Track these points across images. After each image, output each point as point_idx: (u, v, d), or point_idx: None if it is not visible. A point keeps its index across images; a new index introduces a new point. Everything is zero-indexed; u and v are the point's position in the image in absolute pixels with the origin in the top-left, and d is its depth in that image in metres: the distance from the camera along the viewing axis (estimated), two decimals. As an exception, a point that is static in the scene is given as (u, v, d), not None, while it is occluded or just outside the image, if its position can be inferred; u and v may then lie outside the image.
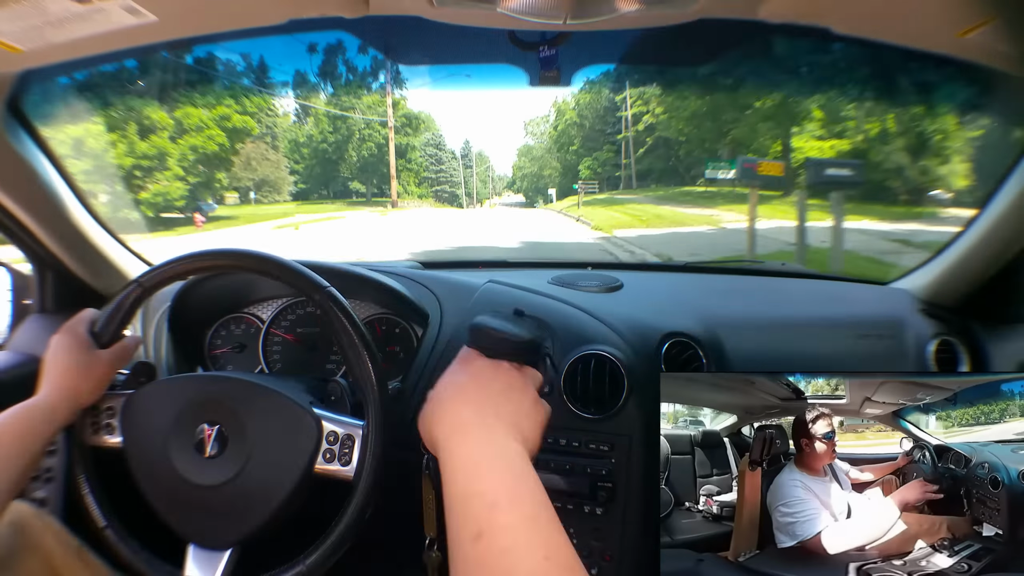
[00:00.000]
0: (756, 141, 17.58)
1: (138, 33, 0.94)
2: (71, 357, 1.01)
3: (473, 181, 62.40)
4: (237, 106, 21.32)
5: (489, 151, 72.62)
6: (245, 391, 1.02)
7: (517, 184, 64.54)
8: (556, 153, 49.53)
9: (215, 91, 18.56)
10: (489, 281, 1.47)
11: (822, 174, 6.37)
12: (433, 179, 51.72)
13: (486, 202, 60.87)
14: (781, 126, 15.54)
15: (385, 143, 38.72)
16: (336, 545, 0.96)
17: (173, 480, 0.98)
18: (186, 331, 1.45)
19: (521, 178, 62.44)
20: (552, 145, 51.04)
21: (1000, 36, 0.89)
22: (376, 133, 39.02)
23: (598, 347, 1.19)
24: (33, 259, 1.47)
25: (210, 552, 0.99)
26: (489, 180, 70.42)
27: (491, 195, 68.04)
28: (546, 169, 52.74)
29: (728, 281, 1.80)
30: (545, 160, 54.04)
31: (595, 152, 41.18)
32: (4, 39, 0.91)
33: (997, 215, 1.25)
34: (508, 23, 1.00)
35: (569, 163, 44.59)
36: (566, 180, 42.66)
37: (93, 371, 1.02)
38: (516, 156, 67.32)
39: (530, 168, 58.85)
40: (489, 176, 71.27)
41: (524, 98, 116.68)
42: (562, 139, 47.46)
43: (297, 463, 0.97)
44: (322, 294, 1.02)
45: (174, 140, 20.46)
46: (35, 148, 1.26)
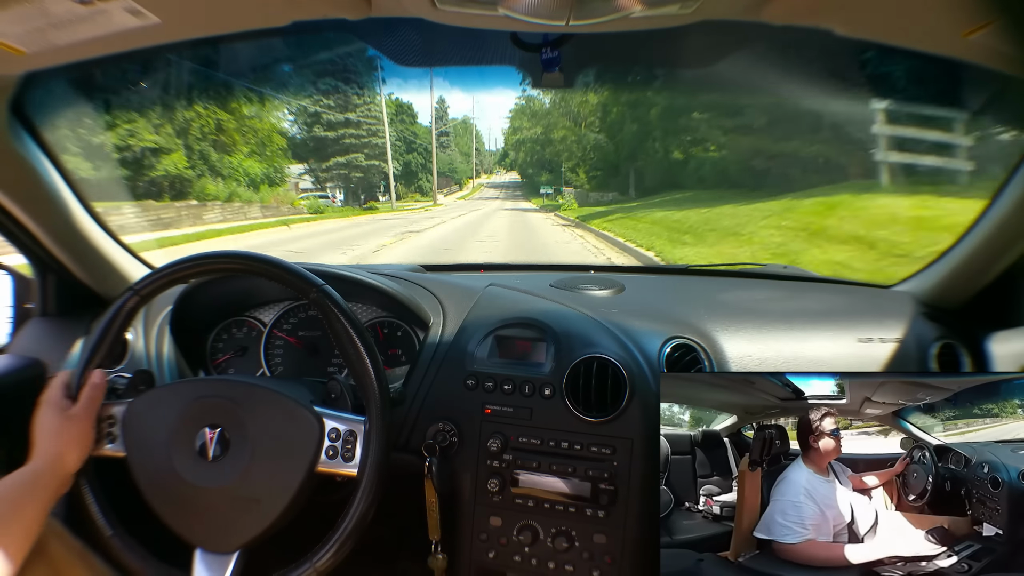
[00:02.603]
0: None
1: (141, 35, 0.94)
2: (50, 424, 1.01)
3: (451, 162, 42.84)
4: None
5: (478, 116, 47.48)
6: (245, 393, 1.02)
7: (511, 156, 40.81)
8: (572, 111, 28.97)
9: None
10: (490, 284, 1.47)
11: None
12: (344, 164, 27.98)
13: (450, 194, 38.52)
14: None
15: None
16: (344, 542, 0.96)
17: (177, 485, 0.99)
18: (188, 335, 1.46)
19: (517, 146, 37.34)
20: (564, 101, 28.80)
21: (1004, 37, 0.89)
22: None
23: (600, 350, 1.19)
24: (35, 262, 1.48)
25: (217, 556, 0.99)
26: (474, 155, 49.01)
27: (471, 176, 47.09)
28: (556, 131, 29.82)
29: (730, 284, 1.80)
30: (554, 120, 30.50)
31: (617, 136, 24.34)
32: (7, 41, 0.91)
33: (999, 218, 1.25)
34: (510, 25, 1.00)
35: (586, 138, 27.58)
36: (578, 158, 27.98)
37: (70, 432, 1.01)
38: (510, 117, 38.56)
39: (530, 131, 33.86)
40: (474, 148, 49.57)
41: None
42: (579, 97, 26.94)
43: (300, 462, 0.98)
44: (317, 292, 1.03)
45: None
46: (38, 151, 1.26)
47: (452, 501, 1.23)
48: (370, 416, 1.00)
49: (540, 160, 34.11)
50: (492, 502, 1.20)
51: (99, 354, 1.05)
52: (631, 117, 23.15)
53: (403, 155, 32.30)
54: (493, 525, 1.20)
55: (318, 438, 0.99)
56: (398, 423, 1.24)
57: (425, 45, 1.28)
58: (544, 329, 1.26)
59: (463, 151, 46.41)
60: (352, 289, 1.36)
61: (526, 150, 35.99)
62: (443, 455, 1.21)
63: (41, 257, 1.44)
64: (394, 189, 29.88)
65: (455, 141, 42.60)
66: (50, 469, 0.98)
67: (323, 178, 28.42)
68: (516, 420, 1.20)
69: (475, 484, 1.21)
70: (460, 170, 41.76)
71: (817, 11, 0.92)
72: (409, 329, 1.46)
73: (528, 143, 35.38)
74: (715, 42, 1.26)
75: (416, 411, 1.26)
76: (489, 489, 1.18)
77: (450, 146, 39.98)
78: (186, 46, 1.09)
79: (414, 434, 1.25)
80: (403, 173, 32.34)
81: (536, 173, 35.18)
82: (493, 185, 43.84)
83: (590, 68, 1.46)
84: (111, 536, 1.01)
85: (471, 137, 51.75)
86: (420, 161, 33.81)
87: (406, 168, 32.57)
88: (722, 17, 0.97)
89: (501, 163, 47.73)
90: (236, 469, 0.98)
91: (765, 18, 0.94)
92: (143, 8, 0.86)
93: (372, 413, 1.00)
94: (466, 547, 1.23)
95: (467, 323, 1.33)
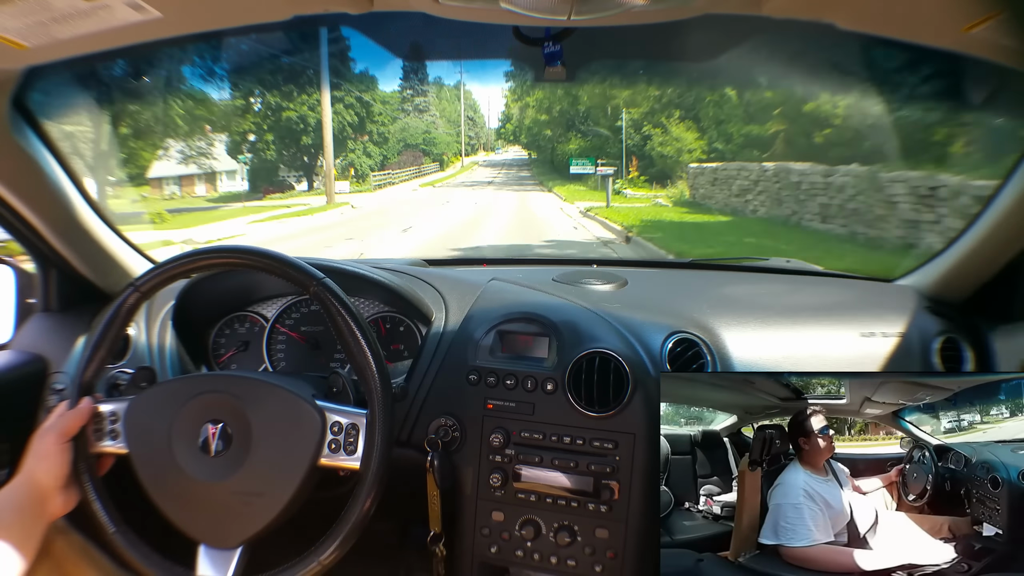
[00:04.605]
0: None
1: (142, 29, 0.94)
2: (34, 445, 1.02)
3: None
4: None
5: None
6: (246, 388, 1.02)
7: (514, 122, 28.86)
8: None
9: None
10: (493, 279, 1.48)
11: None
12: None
13: (412, 178, 24.37)
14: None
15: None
16: (347, 536, 0.96)
17: (180, 481, 0.99)
18: (190, 330, 1.46)
19: (522, 110, 26.33)
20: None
21: (1006, 31, 0.89)
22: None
23: (602, 345, 1.19)
24: (37, 257, 1.48)
25: (221, 551, 0.99)
26: (463, 124, 31.20)
27: (460, 153, 30.16)
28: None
29: (732, 278, 1.80)
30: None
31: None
32: (9, 36, 0.91)
33: (1002, 211, 1.25)
34: (512, 19, 1.00)
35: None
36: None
37: (43, 449, 1.01)
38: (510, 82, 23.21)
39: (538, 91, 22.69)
40: (463, 115, 31.29)
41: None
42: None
43: (302, 456, 0.98)
44: (318, 286, 1.02)
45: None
46: (40, 145, 1.26)
47: (454, 496, 1.24)
48: (372, 409, 1.00)
49: (567, 119, 20.84)
50: (494, 497, 1.20)
51: (101, 351, 1.06)
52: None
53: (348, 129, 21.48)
54: (495, 520, 1.21)
55: (320, 432, 0.99)
56: (400, 418, 1.24)
57: (427, 39, 1.28)
58: (546, 324, 1.26)
59: (450, 119, 30.59)
60: (354, 284, 1.36)
61: (533, 118, 23.98)
62: (445, 450, 1.21)
63: (43, 252, 1.44)
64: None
65: (438, 106, 28.95)
66: (24, 485, 0.99)
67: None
68: (518, 415, 1.20)
69: (477, 479, 1.21)
70: (442, 142, 27.99)
71: (818, 5, 0.92)
72: (411, 324, 1.47)
73: (533, 112, 23.80)
74: (718, 36, 1.26)
75: (418, 406, 1.26)
76: (491, 484, 1.18)
77: (429, 110, 27.39)
78: (187, 40, 1.09)
79: (416, 429, 1.25)
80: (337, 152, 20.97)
81: (556, 141, 21.77)
82: (491, 164, 30.45)
83: (593, 62, 1.46)
84: (114, 533, 1.01)
85: (466, 106, 33.27)
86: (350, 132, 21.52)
87: (338, 144, 20.80)
88: (724, 11, 0.97)
89: (501, 133, 31.90)
90: (239, 464, 0.98)
91: (767, 12, 0.93)
92: (144, 2, 0.86)
93: (374, 406, 1.00)
94: (468, 542, 1.23)
95: (469, 318, 1.33)
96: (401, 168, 24.02)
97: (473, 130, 34.49)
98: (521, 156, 29.27)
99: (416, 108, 27.37)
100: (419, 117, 27.52)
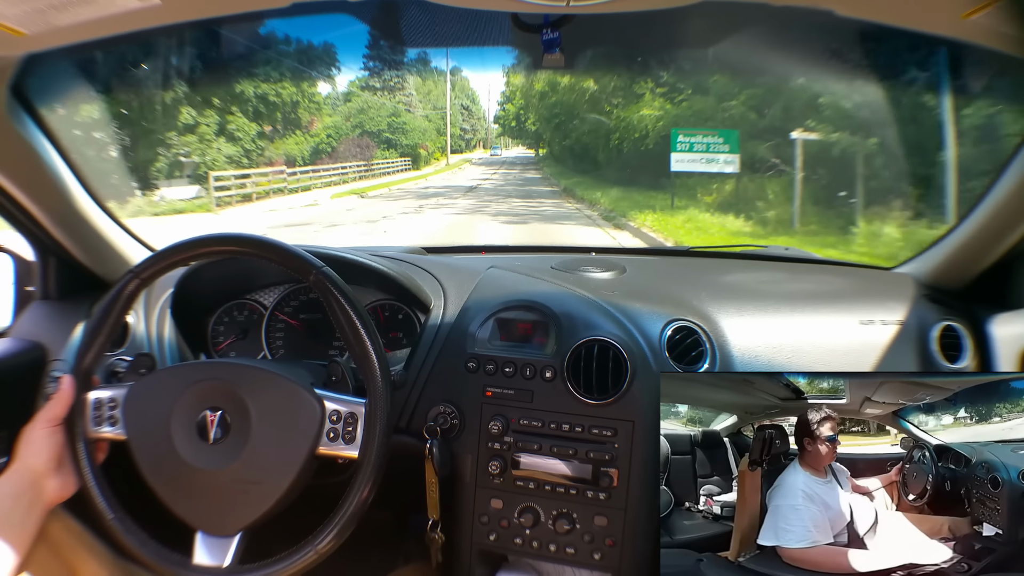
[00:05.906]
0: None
1: (142, 16, 0.94)
2: (25, 432, 1.04)
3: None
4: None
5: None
6: (245, 375, 1.02)
7: (514, 110, 22.65)
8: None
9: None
10: (492, 267, 1.48)
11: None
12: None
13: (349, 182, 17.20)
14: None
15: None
16: (345, 524, 0.97)
17: (178, 468, 1.00)
18: (189, 318, 1.46)
19: (527, 98, 20.97)
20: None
21: (1005, 17, 0.89)
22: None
23: (601, 333, 1.20)
24: (36, 245, 1.48)
25: (218, 538, 1.00)
26: (448, 113, 23.87)
27: (444, 149, 22.89)
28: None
29: (731, 266, 1.80)
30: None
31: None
32: (7, 23, 0.91)
33: (1001, 198, 1.25)
34: (511, 5, 1.00)
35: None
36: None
37: (31, 435, 1.03)
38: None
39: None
40: (448, 104, 24.10)
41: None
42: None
43: (301, 444, 0.98)
44: (316, 273, 1.03)
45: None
46: (39, 133, 1.26)
47: (453, 484, 1.24)
48: (371, 398, 1.00)
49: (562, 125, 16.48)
50: (493, 484, 1.20)
51: (100, 338, 1.06)
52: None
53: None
54: (494, 508, 1.21)
55: (319, 420, 0.99)
56: (399, 405, 1.24)
57: (425, 26, 1.27)
58: (545, 311, 1.26)
59: (436, 107, 23.68)
60: (353, 271, 1.36)
61: (533, 107, 19.47)
62: (444, 438, 1.21)
63: (42, 240, 1.44)
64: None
65: (422, 89, 22.49)
66: (18, 472, 1.01)
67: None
68: (517, 403, 1.20)
69: (476, 467, 1.21)
70: (416, 130, 20.85)
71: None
72: (410, 312, 1.47)
73: (533, 99, 19.62)
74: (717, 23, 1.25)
75: (417, 394, 1.26)
76: (490, 471, 1.18)
77: (404, 88, 20.90)
78: (186, 28, 1.09)
79: (415, 417, 1.25)
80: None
81: (560, 153, 17.02)
82: (486, 162, 24.25)
83: (591, 49, 1.45)
84: (112, 519, 1.01)
85: (462, 94, 27.71)
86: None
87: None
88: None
89: (500, 118, 24.48)
90: (237, 451, 0.99)
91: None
92: (143, -11, 0.86)
93: (373, 395, 1.00)
94: (467, 530, 1.23)
95: (468, 305, 1.33)
96: (336, 163, 17.81)
97: (469, 121, 27.70)
98: (525, 154, 24.20)
99: (386, 85, 20.54)
100: (388, 96, 20.60)
